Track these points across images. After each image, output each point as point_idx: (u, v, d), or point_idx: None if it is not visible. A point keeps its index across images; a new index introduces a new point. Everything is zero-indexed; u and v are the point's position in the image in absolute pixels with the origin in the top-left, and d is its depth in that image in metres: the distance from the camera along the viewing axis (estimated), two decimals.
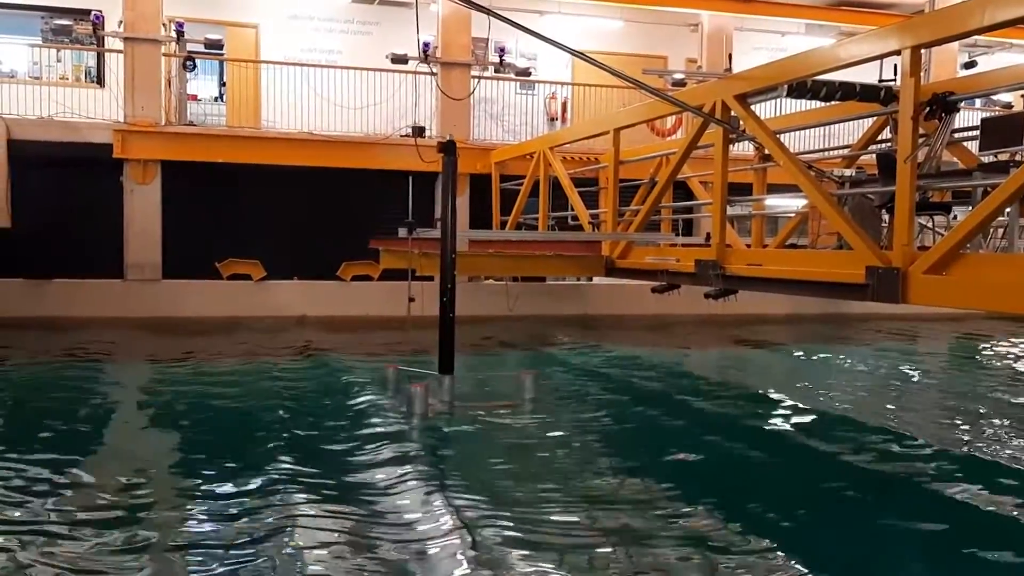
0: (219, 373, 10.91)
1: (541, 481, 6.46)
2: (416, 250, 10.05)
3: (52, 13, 16.98)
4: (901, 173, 6.48)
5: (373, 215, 14.64)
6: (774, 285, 8.46)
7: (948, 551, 5.36)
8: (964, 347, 15.70)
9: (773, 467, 7.44)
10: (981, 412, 9.53)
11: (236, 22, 17.83)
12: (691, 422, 9.12)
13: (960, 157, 8.67)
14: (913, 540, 5.55)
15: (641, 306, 15.19)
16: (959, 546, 5.39)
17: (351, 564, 4.91)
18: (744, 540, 5.35)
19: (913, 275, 6.38)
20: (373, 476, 6.52)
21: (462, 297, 9.08)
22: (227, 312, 15.04)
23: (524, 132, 17.67)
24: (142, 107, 14.84)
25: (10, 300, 14.22)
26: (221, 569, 4.78)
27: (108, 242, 14.72)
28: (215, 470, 6.62)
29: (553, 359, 12.71)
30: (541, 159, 13.59)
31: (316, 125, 15.90)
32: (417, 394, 8.42)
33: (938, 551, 5.40)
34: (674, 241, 11.79)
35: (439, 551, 5.13)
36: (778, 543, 5.31)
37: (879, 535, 5.53)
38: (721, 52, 18.12)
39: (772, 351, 14.42)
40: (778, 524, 5.73)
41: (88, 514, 5.57)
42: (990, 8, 5.71)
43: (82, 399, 9.12)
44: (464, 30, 16.36)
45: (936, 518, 5.93)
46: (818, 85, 8.32)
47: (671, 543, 5.33)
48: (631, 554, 5.12)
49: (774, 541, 5.34)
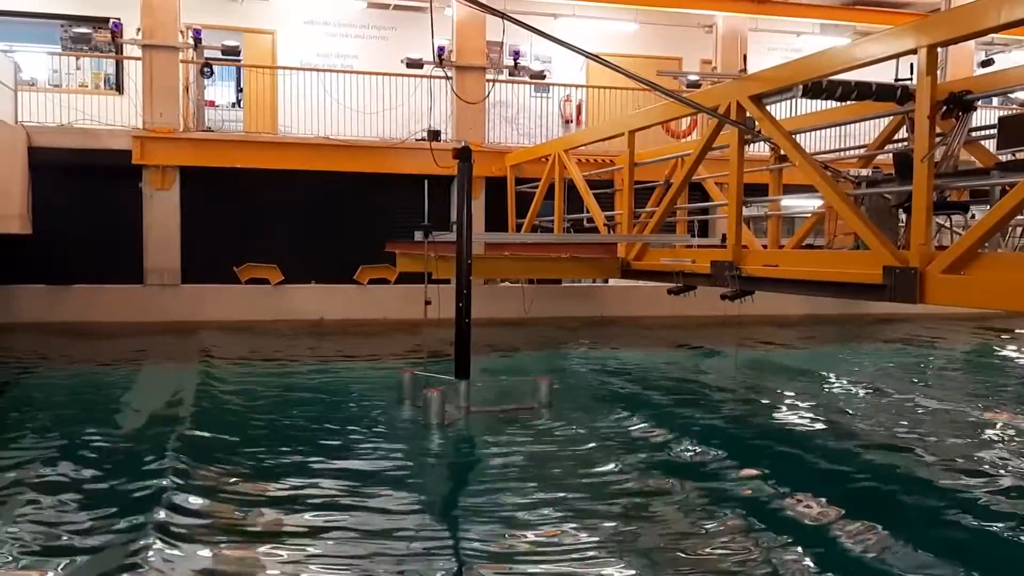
0: (235, 377, 11.00)
1: (557, 485, 6.48)
2: (432, 253, 10.08)
3: (71, 21, 17.19)
4: (918, 172, 6.45)
5: (389, 219, 14.71)
6: (791, 286, 8.43)
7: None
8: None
9: (808, 465, 7.44)
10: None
11: (253, 28, 17.98)
12: (710, 422, 9.10)
13: (977, 156, 8.62)
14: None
15: (657, 308, 15.18)
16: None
17: (360, 564, 4.98)
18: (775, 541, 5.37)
19: (931, 275, 6.34)
20: (386, 482, 6.56)
21: (477, 300, 9.10)
22: (245, 316, 15.16)
23: (539, 135, 17.69)
24: (160, 114, 14.98)
25: (33, 306, 14.41)
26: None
27: (127, 248, 14.87)
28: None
29: (569, 361, 12.71)
30: (556, 162, 13.61)
31: (332, 130, 15.99)
32: (433, 399, 8.44)
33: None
34: (690, 242, 11.75)
35: (451, 553, 5.19)
36: (814, 545, 5.32)
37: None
38: (736, 53, 18.07)
39: (791, 352, 14.37)
40: (811, 525, 5.74)
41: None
42: (1007, 6, 5.67)
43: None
44: (479, 34, 16.41)
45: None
46: (833, 85, 8.30)
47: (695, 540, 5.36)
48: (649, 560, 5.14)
49: (808, 543, 5.35)
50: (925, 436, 8.36)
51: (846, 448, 7.91)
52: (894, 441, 8.16)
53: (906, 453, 7.70)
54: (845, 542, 5.38)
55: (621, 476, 6.83)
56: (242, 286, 15.53)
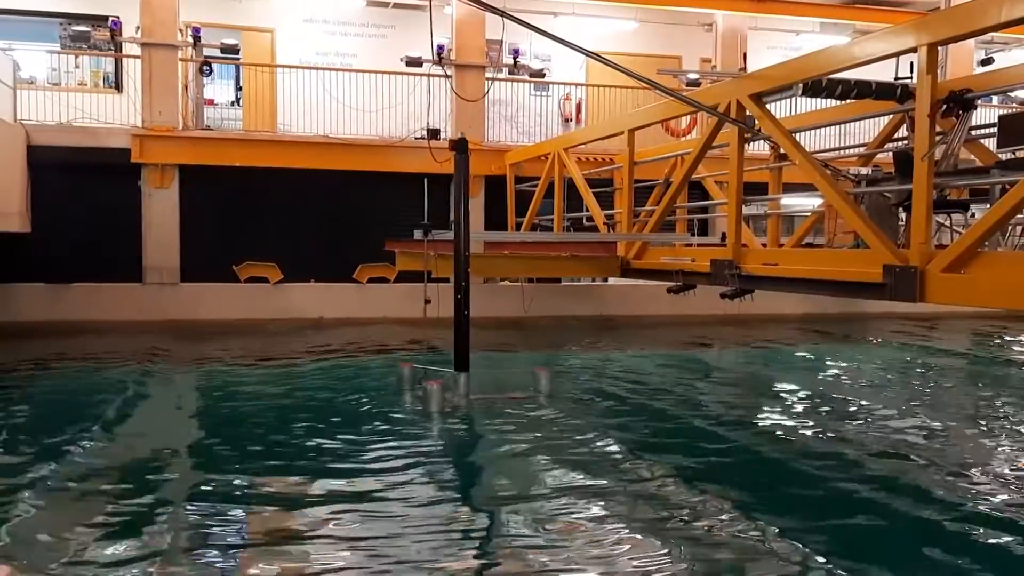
0: (240, 374, 11.00)
1: (556, 473, 6.58)
2: (432, 252, 10.08)
3: (70, 20, 17.16)
4: (918, 171, 6.44)
5: (389, 218, 14.70)
6: (790, 284, 8.41)
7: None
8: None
9: (798, 464, 7.46)
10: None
11: (252, 27, 17.96)
12: (703, 418, 9.13)
13: (977, 154, 8.61)
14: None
15: (657, 306, 15.18)
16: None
17: (368, 554, 5.03)
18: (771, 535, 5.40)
19: (931, 273, 6.34)
20: (389, 469, 6.67)
21: (477, 298, 9.12)
22: (245, 315, 15.16)
23: (539, 133, 17.69)
24: (159, 112, 14.98)
25: (32, 305, 14.40)
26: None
27: (126, 246, 14.86)
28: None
29: (569, 357, 12.71)
30: (556, 160, 13.59)
31: (332, 128, 15.98)
32: (433, 390, 8.48)
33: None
34: (689, 241, 11.76)
35: (455, 541, 5.27)
36: (809, 539, 5.36)
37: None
38: (736, 51, 18.06)
39: (789, 349, 14.37)
40: (806, 520, 5.78)
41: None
42: (1007, 4, 5.66)
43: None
44: (478, 32, 16.41)
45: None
46: (833, 84, 8.28)
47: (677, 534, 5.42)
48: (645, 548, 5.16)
49: (805, 536, 5.39)
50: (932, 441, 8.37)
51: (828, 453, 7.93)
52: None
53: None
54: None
55: (620, 459, 6.95)
56: (241, 285, 15.52)
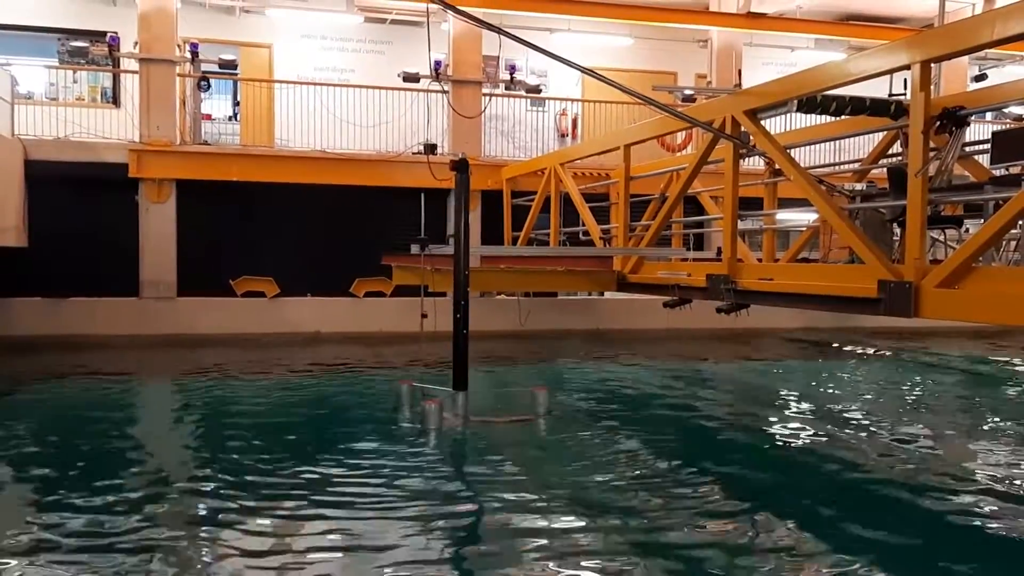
0: (237, 390, 10.98)
1: (556, 492, 6.54)
2: (429, 266, 10.09)
3: (68, 35, 17.24)
4: (912, 187, 6.48)
5: (386, 232, 14.73)
6: (786, 299, 8.44)
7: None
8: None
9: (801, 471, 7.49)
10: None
11: (250, 42, 18.05)
12: (705, 434, 9.13)
13: (971, 170, 8.66)
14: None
15: (653, 321, 15.20)
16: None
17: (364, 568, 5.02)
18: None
19: (925, 289, 6.37)
20: (385, 489, 6.61)
21: (473, 312, 9.10)
22: (241, 329, 15.14)
23: (535, 148, 17.78)
24: (157, 127, 15.01)
25: (28, 319, 14.38)
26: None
27: (123, 260, 14.84)
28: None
29: (565, 373, 12.70)
30: (552, 175, 13.64)
31: (329, 143, 16.03)
32: (431, 410, 8.44)
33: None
34: (685, 256, 11.79)
35: (452, 559, 5.24)
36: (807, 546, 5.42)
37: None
38: (731, 68, 18.17)
39: (785, 364, 14.39)
40: (806, 528, 5.82)
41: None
42: (1000, 22, 5.72)
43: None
44: (475, 48, 16.50)
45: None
46: (828, 100, 8.34)
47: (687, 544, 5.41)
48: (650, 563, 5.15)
49: (803, 545, 5.44)
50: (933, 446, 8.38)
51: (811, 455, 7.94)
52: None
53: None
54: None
55: (617, 479, 6.93)
56: (238, 299, 15.51)
